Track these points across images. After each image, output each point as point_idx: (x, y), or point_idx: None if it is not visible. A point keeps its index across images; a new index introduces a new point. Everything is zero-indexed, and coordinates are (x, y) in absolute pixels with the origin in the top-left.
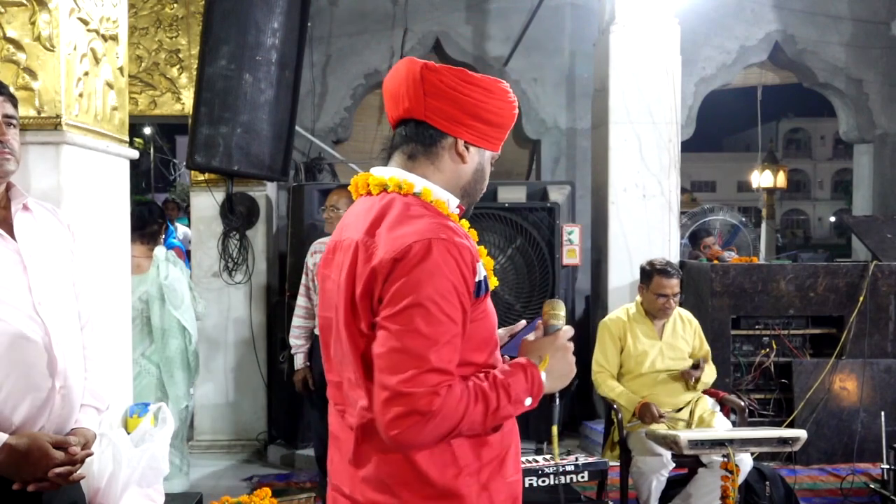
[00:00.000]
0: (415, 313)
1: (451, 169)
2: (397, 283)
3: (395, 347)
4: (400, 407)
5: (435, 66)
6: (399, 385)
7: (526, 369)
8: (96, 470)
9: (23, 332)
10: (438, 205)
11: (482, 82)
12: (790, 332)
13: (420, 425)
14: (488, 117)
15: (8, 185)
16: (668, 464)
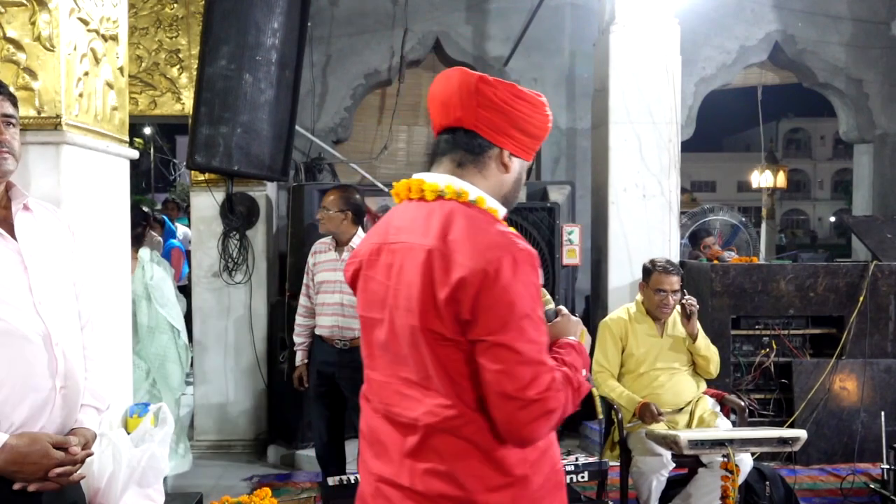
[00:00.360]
0: (524, 324)
1: (496, 177)
2: (498, 298)
3: (517, 360)
4: (536, 412)
5: (490, 79)
6: (529, 393)
7: (575, 347)
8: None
9: (23, 332)
10: (492, 212)
11: (529, 97)
12: (790, 332)
13: (547, 421)
14: (531, 130)
15: (8, 185)
16: (668, 464)
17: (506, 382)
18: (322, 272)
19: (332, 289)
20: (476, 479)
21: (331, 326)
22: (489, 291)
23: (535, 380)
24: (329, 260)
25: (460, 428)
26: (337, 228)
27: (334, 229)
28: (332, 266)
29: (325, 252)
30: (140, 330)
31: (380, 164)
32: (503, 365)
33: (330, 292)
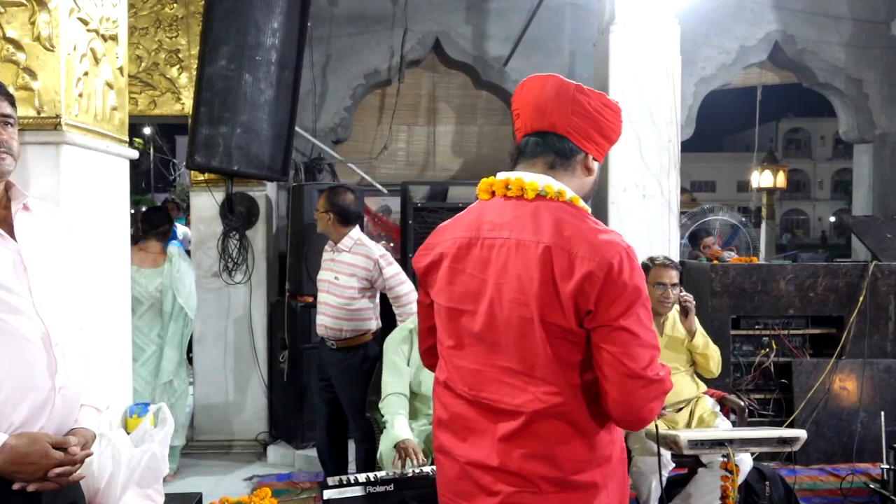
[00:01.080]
0: (640, 312)
1: (581, 179)
2: (622, 287)
3: (638, 343)
4: (656, 391)
5: (585, 88)
6: (650, 373)
7: None
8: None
9: (22, 332)
10: (586, 211)
11: (614, 105)
12: (790, 332)
13: (661, 402)
14: (611, 136)
15: (8, 185)
16: (668, 464)
17: (628, 362)
18: (321, 271)
19: (323, 288)
20: (573, 461)
21: (320, 325)
22: (613, 283)
23: (653, 362)
24: (326, 259)
25: (567, 413)
26: (325, 228)
27: (323, 229)
28: (327, 265)
29: (326, 251)
30: (164, 317)
31: (379, 164)
32: (623, 347)
33: (322, 291)
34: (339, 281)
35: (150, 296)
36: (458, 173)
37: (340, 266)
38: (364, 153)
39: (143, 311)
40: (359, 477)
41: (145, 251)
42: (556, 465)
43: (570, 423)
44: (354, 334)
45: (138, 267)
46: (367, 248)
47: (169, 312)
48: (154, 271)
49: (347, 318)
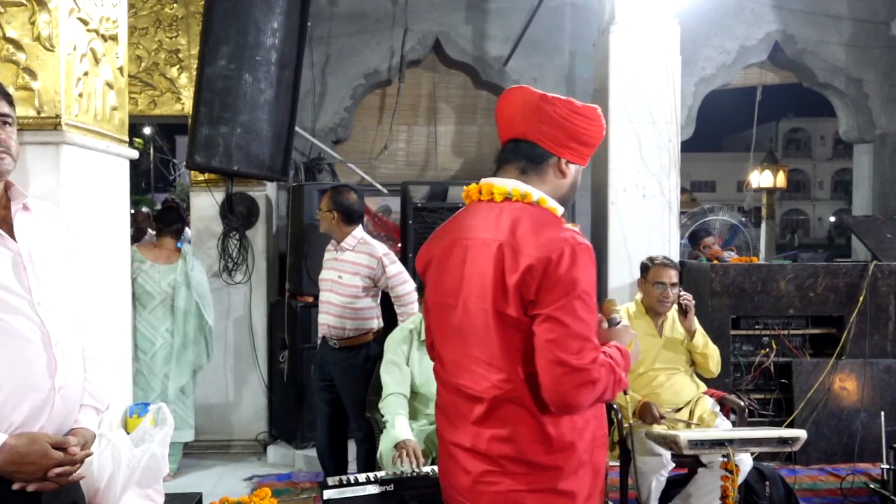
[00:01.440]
0: (576, 304)
1: (554, 182)
2: (558, 279)
3: (566, 332)
4: (580, 378)
5: (550, 97)
6: (575, 361)
7: (622, 351)
8: (96, 470)
9: (22, 332)
10: (552, 210)
11: (585, 111)
12: (790, 332)
13: (590, 391)
14: (586, 140)
15: (7, 185)
16: (668, 464)
17: (556, 350)
18: (323, 270)
19: (326, 287)
20: (531, 443)
21: (322, 324)
22: (551, 275)
23: (581, 351)
24: (328, 259)
25: (519, 399)
26: (328, 228)
27: (326, 229)
28: (329, 265)
29: (329, 251)
30: (176, 313)
31: (379, 164)
32: (555, 335)
33: (325, 290)
34: (342, 280)
35: (163, 291)
36: (458, 173)
37: (344, 265)
38: (364, 153)
39: (155, 305)
40: (359, 477)
41: (160, 248)
42: (517, 446)
43: (524, 408)
44: (357, 333)
45: (153, 263)
46: (370, 246)
47: (182, 308)
48: (168, 267)
49: (351, 316)
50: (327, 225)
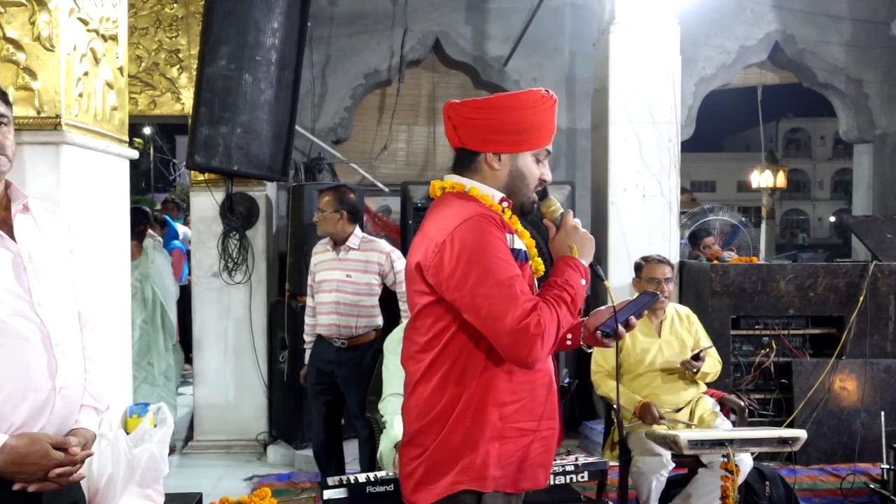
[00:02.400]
0: (489, 271)
1: (491, 176)
2: (456, 259)
3: (489, 303)
4: (525, 336)
5: (455, 103)
6: (516, 323)
7: (569, 262)
8: (96, 470)
9: (23, 332)
10: (483, 198)
11: (495, 102)
12: (790, 332)
13: (540, 343)
14: (508, 128)
15: (7, 185)
16: (668, 464)
17: (490, 324)
18: (322, 271)
19: (330, 287)
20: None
21: (328, 325)
22: (452, 253)
23: (508, 312)
24: (327, 259)
25: (427, 377)
26: (334, 229)
27: (331, 230)
28: (331, 265)
29: (323, 252)
30: (146, 303)
31: (379, 164)
32: (483, 311)
33: (328, 291)
34: (352, 278)
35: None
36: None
37: (352, 264)
38: (364, 153)
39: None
40: (359, 477)
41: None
42: (411, 421)
43: (428, 383)
44: (366, 331)
45: None
46: (376, 243)
47: (150, 299)
48: (133, 263)
49: (361, 314)
50: (332, 226)
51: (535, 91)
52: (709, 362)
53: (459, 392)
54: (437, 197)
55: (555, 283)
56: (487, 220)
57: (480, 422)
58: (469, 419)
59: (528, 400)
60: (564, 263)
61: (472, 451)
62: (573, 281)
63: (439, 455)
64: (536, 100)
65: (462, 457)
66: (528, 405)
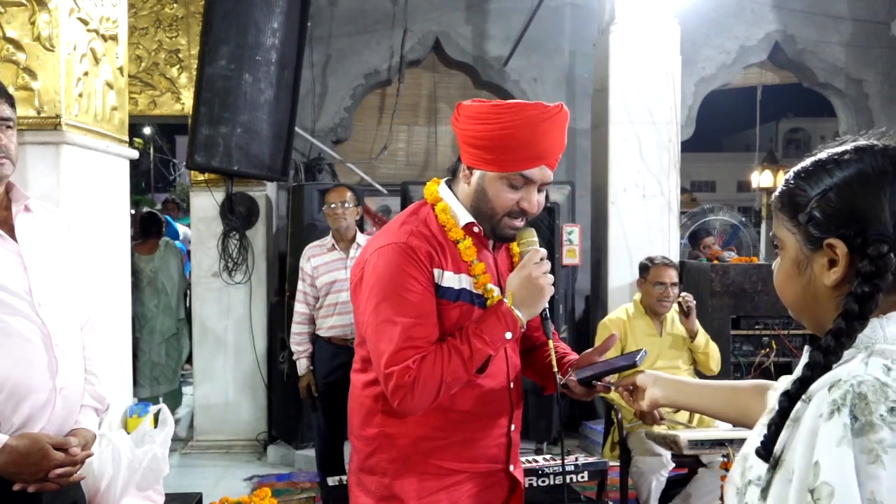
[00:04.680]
0: (384, 306)
1: (462, 189)
2: (367, 283)
3: (376, 338)
4: (391, 384)
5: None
6: (384, 367)
7: (496, 311)
8: (96, 470)
9: (23, 333)
10: (446, 221)
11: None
12: (790, 332)
13: (409, 394)
14: (480, 143)
15: (8, 186)
16: (668, 464)
17: (373, 358)
18: (329, 273)
19: (342, 287)
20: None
21: (344, 325)
22: (363, 279)
23: (383, 354)
24: (333, 260)
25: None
26: (351, 222)
27: (349, 223)
28: (339, 265)
29: (324, 254)
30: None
31: (379, 165)
32: (370, 344)
33: (343, 290)
34: None
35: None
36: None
37: None
38: (364, 153)
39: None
40: None
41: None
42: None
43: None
44: None
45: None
46: None
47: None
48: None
49: None
50: (352, 218)
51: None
52: (713, 346)
53: (376, 416)
54: None
55: (466, 330)
56: (404, 252)
57: (392, 451)
58: (382, 445)
59: (459, 440)
60: (491, 311)
61: (382, 478)
62: (489, 333)
63: (358, 472)
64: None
65: (374, 481)
66: (457, 445)
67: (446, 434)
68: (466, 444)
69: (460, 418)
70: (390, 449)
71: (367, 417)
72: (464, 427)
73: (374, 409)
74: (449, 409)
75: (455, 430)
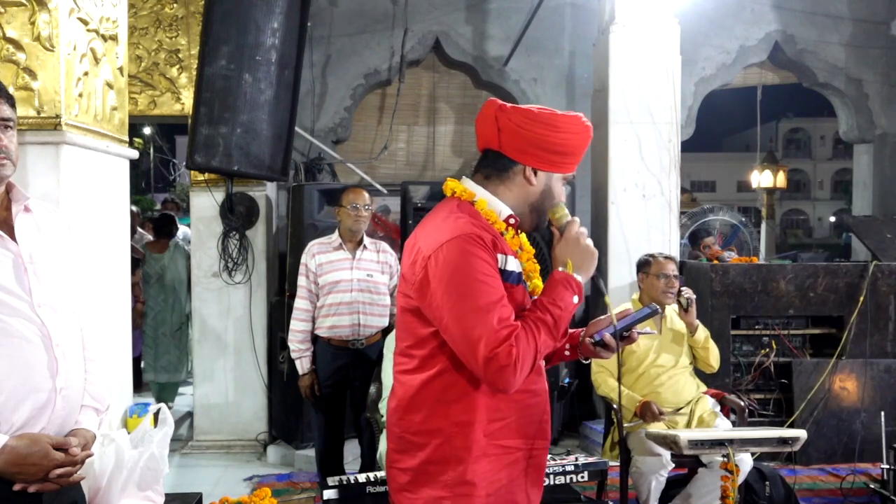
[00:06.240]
0: (467, 295)
1: (521, 190)
2: (439, 279)
3: (466, 326)
4: (495, 365)
5: (507, 107)
6: (485, 351)
7: (561, 280)
8: (96, 470)
9: (23, 333)
10: (488, 214)
11: (547, 119)
12: (790, 332)
13: (512, 372)
14: (554, 148)
15: (8, 186)
16: (668, 464)
17: (464, 349)
18: (333, 272)
19: (347, 287)
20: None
21: (349, 325)
22: (437, 268)
23: (480, 340)
24: (339, 259)
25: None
26: (363, 228)
27: (364, 227)
28: (345, 265)
29: (329, 252)
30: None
31: (379, 165)
32: (458, 333)
33: (344, 291)
34: (373, 278)
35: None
36: (458, 173)
37: (370, 264)
38: (364, 153)
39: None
40: (359, 477)
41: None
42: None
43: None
44: (381, 329)
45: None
46: (382, 243)
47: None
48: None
49: (384, 314)
50: (367, 223)
51: (578, 117)
52: (712, 345)
53: (442, 407)
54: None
55: (541, 302)
56: (473, 241)
57: (464, 438)
58: (452, 435)
59: (516, 418)
60: (556, 280)
61: (456, 466)
62: (561, 300)
63: (423, 467)
64: (580, 127)
65: (446, 472)
66: (515, 423)
67: (505, 414)
68: (521, 421)
69: (516, 396)
70: (461, 436)
71: (433, 411)
72: (519, 404)
73: (441, 400)
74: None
75: (512, 408)
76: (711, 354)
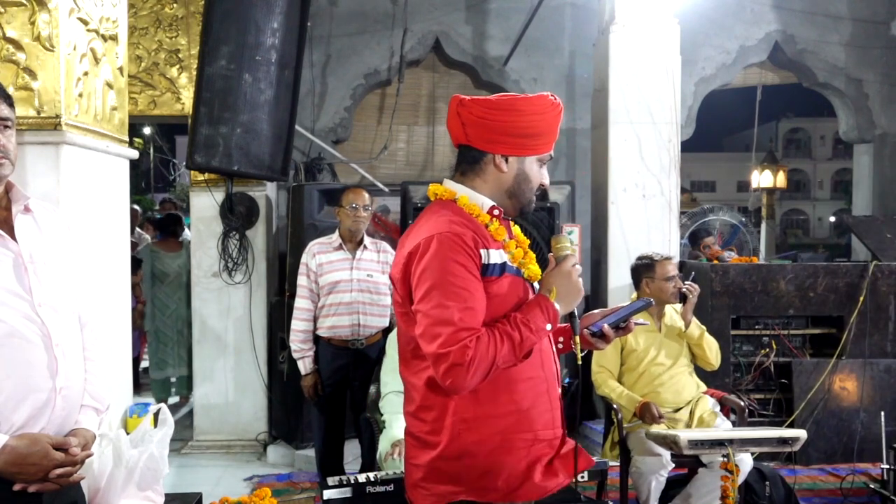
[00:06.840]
0: (434, 294)
1: (495, 179)
2: (417, 272)
3: (427, 322)
4: (446, 363)
5: (465, 100)
6: (439, 348)
7: (540, 303)
8: (96, 470)
9: (23, 333)
10: (471, 208)
11: (508, 104)
12: (790, 332)
13: (464, 373)
14: (521, 132)
15: (8, 186)
16: (668, 464)
17: (424, 343)
18: (333, 272)
19: (347, 287)
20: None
21: (349, 326)
22: (416, 266)
23: (439, 337)
24: (339, 259)
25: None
26: (364, 228)
27: (363, 228)
28: (345, 265)
29: (330, 252)
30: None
31: (379, 164)
32: (421, 328)
33: (345, 291)
34: (373, 278)
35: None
36: None
37: (370, 265)
38: (364, 153)
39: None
40: (359, 477)
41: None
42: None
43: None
44: (382, 328)
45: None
46: (382, 243)
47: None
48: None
49: (384, 314)
50: (365, 223)
51: (544, 96)
52: (709, 339)
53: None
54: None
55: (513, 318)
56: (453, 240)
57: (477, 434)
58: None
59: (527, 410)
60: (536, 303)
61: (470, 462)
62: (533, 322)
63: (436, 462)
64: (546, 106)
65: (461, 467)
66: (526, 415)
67: (516, 404)
68: (532, 411)
69: (525, 386)
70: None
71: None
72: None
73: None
74: (517, 378)
75: (522, 398)
76: (709, 351)
